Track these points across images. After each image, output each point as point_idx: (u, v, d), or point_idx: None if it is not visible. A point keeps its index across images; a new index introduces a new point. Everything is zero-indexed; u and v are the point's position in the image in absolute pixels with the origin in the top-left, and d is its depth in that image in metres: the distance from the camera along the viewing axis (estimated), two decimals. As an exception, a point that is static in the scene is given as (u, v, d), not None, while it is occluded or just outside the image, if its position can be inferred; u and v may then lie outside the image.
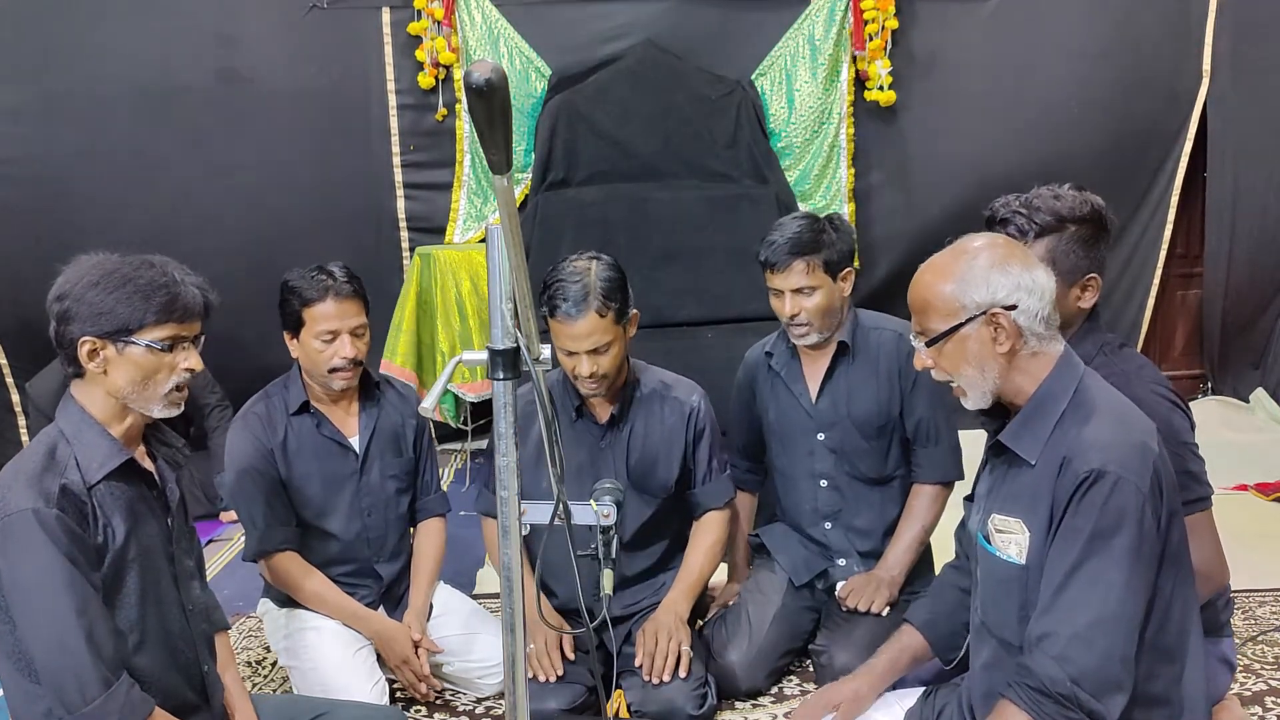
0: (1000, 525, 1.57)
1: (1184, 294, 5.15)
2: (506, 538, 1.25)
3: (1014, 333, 1.52)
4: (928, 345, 1.58)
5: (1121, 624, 1.42)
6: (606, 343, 2.12)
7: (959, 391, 1.60)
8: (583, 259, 2.15)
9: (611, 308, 2.11)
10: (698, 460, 2.35)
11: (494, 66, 0.93)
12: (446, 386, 1.86)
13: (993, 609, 1.61)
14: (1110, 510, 1.42)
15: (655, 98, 4.42)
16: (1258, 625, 2.69)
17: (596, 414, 2.30)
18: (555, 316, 2.11)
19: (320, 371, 2.26)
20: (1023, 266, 1.53)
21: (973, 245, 1.57)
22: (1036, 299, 1.51)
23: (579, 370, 2.15)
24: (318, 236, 4.33)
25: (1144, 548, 1.43)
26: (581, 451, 2.29)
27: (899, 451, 2.42)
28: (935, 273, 1.57)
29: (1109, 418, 1.49)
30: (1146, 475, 1.44)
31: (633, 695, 2.18)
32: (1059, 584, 1.45)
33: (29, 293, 4.07)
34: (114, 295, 1.55)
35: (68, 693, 1.47)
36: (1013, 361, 1.54)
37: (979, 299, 1.52)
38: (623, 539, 2.29)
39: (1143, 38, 4.63)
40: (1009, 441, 1.55)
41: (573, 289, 2.08)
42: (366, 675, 2.25)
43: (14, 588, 1.48)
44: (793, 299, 2.28)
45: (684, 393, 2.35)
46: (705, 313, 4.15)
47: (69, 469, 1.54)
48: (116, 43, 4.21)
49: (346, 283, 2.25)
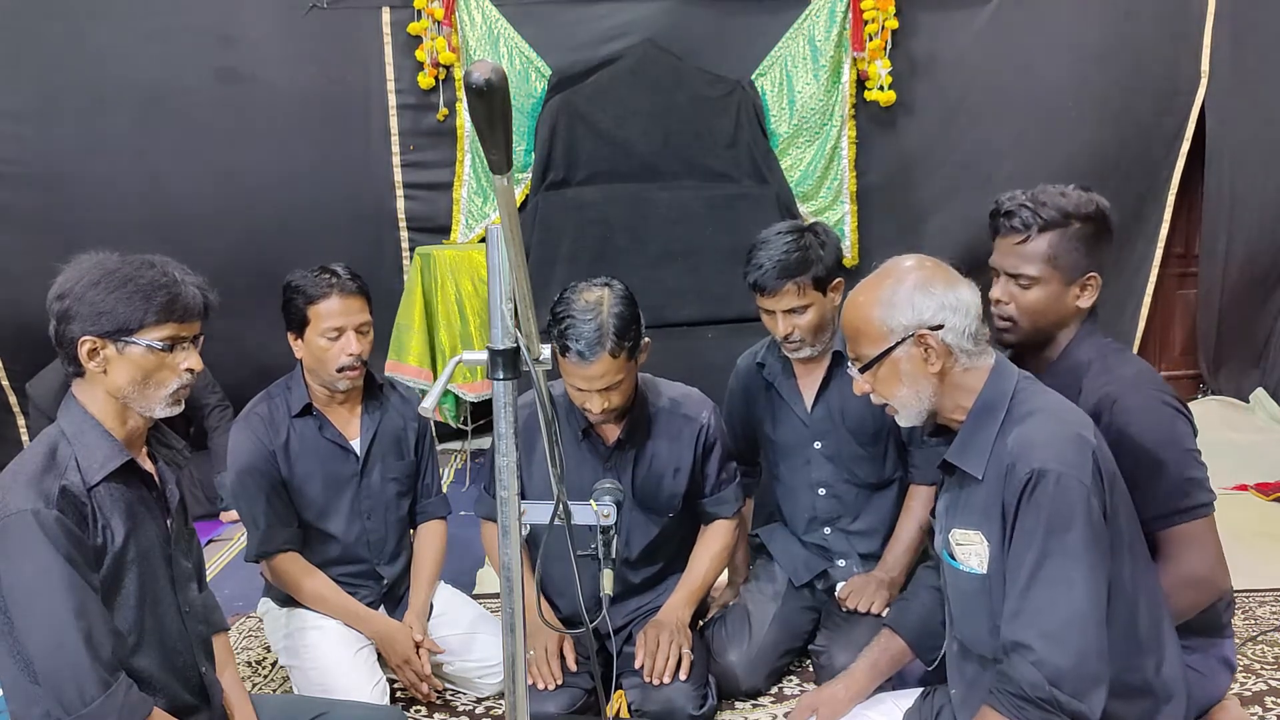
0: (960, 539, 1.60)
1: (1182, 294, 5.15)
2: (506, 538, 1.25)
3: (943, 351, 1.56)
4: (861, 371, 1.63)
5: (1090, 619, 1.44)
6: (619, 381, 2.07)
7: (892, 412, 1.64)
8: (593, 289, 2.06)
9: (625, 347, 2.03)
10: (707, 474, 2.33)
11: (494, 66, 0.93)
12: (446, 386, 1.86)
13: (965, 625, 1.63)
14: (1058, 507, 1.44)
15: (655, 98, 4.42)
16: (1258, 625, 2.69)
17: (604, 435, 2.25)
18: (566, 357, 2.03)
19: (326, 370, 2.26)
20: (946, 285, 1.56)
21: (899, 268, 1.61)
22: (962, 316, 1.55)
23: (589, 406, 2.10)
24: (317, 236, 4.33)
25: (1096, 539, 1.45)
26: (585, 471, 2.22)
27: (896, 455, 2.41)
28: (862, 299, 1.62)
29: (1043, 416, 1.52)
30: (1086, 467, 1.46)
31: (633, 695, 2.18)
32: (1023, 586, 1.47)
33: (28, 293, 4.09)
34: (114, 295, 1.55)
35: (66, 694, 1.47)
36: (946, 379, 1.58)
37: (905, 321, 1.56)
38: (629, 559, 2.30)
39: (1142, 38, 4.64)
40: (955, 460, 1.59)
41: (585, 329, 1.99)
42: (367, 675, 2.25)
43: (13, 589, 1.48)
44: (785, 319, 2.25)
45: (694, 409, 2.29)
46: (705, 313, 4.15)
47: (69, 470, 1.54)
48: (116, 43, 4.21)
49: (351, 280, 2.26)
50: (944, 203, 4.65)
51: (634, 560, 2.32)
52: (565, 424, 2.25)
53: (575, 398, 2.12)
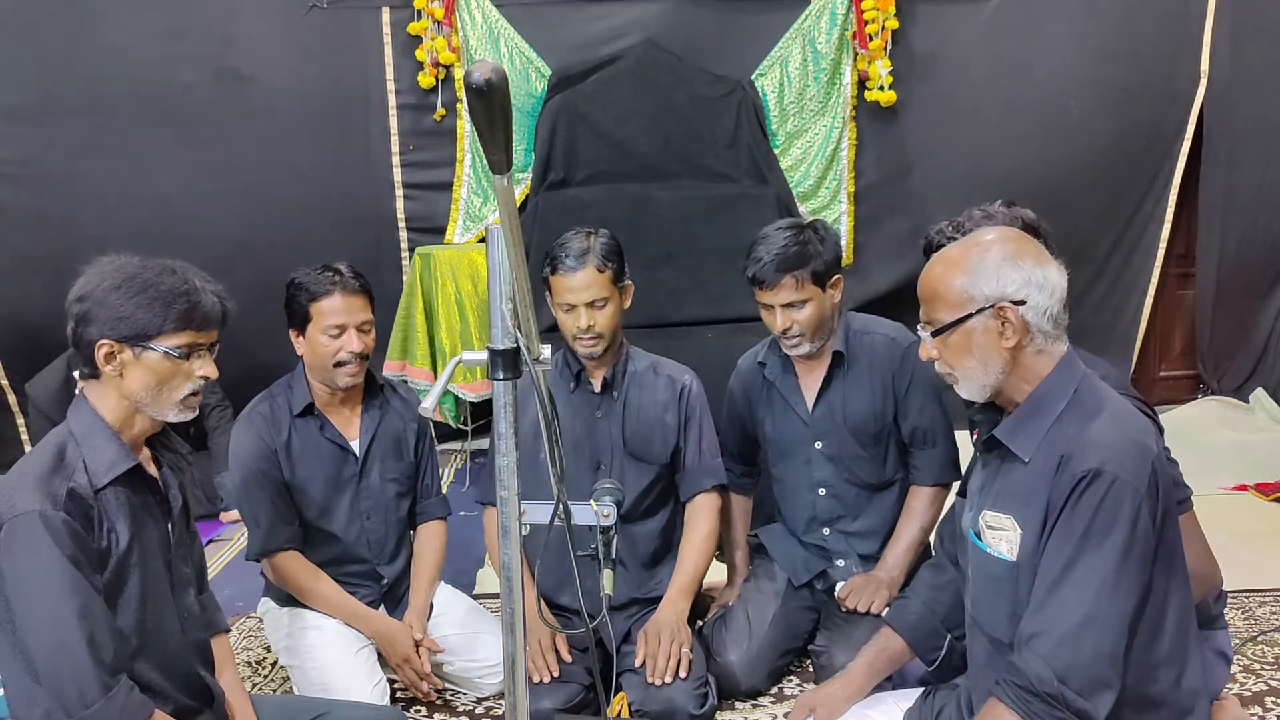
0: (992, 522, 1.56)
1: (1183, 294, 5.15)
2: (506, 538, 1.25)
3: (1021, 328, 1.51)
4: (933, 335, 1.58)
5: (1111, 622, 1.42)
6: (604, 298, 2.23)
7: (953, 381, 1.59)
8: (582, 231, 2.28)
9: (610, 266, 2.23)
10: (688, 439, 2.37)
11: (494, 66, 0.93)
12: (446, 386, 1.87)
13: (983, 606, 1.61)
14: (1106, 510, 1.42)
15: (655, 98, 4.42)
16: (1258, 625, 2.69)
17: (592, 381, 2.34)
18: (556, 272, 2.23)
19: (326, 366, 2.26)
20: (1035, 262, 1.52)
21: (986, 238, 1.56)
22: (1047, 296, 1.51)
23: (577, 323, 2.22)
24: (317, 236, 4.33)
25: (1137, 547, 1.43)
26: (579, 422, 2.34)
27: (897, 456, 2.42)
28: (946, 264, 1.57)
29: (1108, 418, 1.49)
30: (1144, 475, 1.43)
31: (633, 694, 2.18)
32: (1052, 582, 1.45)
33: (28, 293, 4.11)
34: (134, 300, 1.56)
35: (67, 695, 1.47)
36: (1017, 358, 1.53)
37: (988, 292, 1.51)
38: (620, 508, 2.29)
39: (1142, 38, 4.64)
40: (1004, 437, 1.55)
41: (574, 247, 2.23)
42: (367, 675, 2.25)
43: (17, 588, 1.48)
44: (784, 314, 2.27)
45: (675, 371, 2.41)
46: (705, 313, 4.15)
47: (77, 471, 1.54)
48: (116, 43, 4.21)
49: (353, 279, 2.27)
50: (943, 203, 4.62)
51: (626, 514, 2.28)
52: (558, 381, 2.36)
53: (564, 322, 2.27)
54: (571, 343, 2.29)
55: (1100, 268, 4.85)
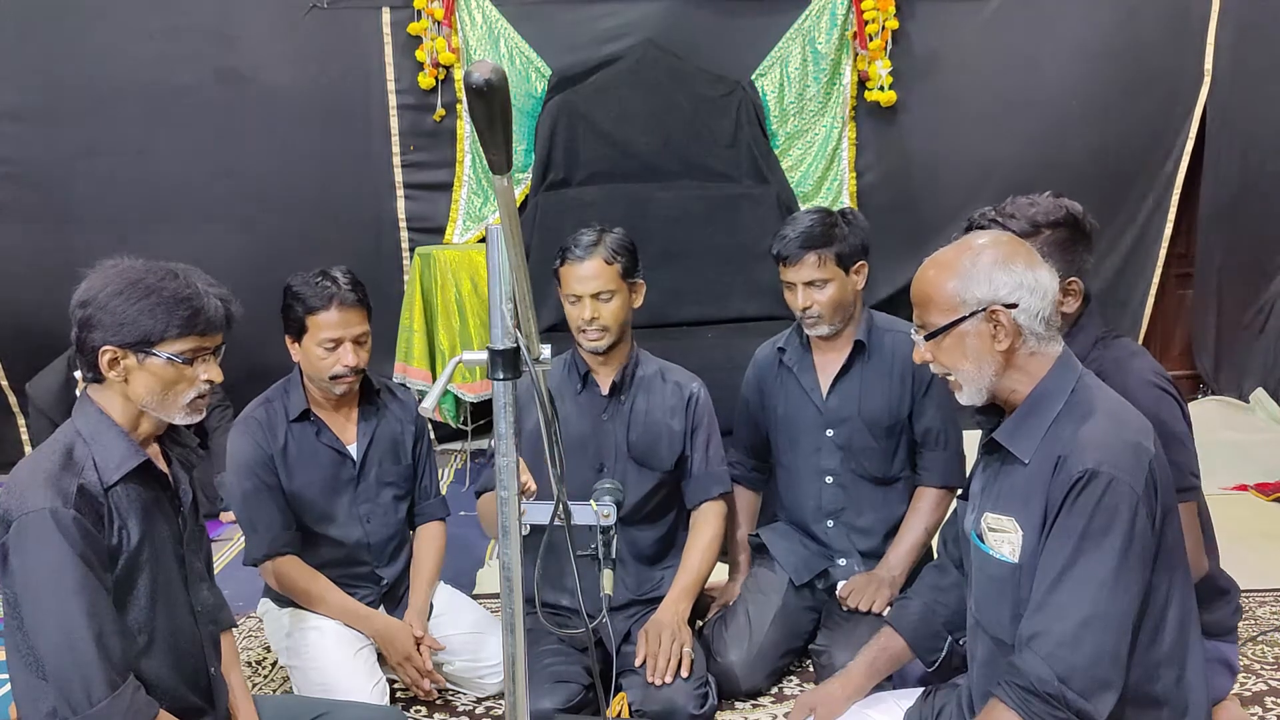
0: (993, 524, 1.57)
1: (1183, 294, 5.15)
2: (506, 538, 1.25)
3: (1013, 331, 1.52)
4: (926, 339, 1.59)
5: (1112, 623, 1.42)
6: (611, 290, 2.22)
7: (954, 385, 1.60)
8: (598, 227, 2.29)
9: (619, 259, 2.23)
10: (695, 446, 2.37)
11: (494, 67, 0.93)
12: (446, 387, 1.87)
13: (986, 607, 1.61)
14: (1103, 510, 1.42)
15: (655, 98, 4.42)
16: (1258, 625, 2.69)
17: (600, 383, 2.33)
18: (565, 262, 2.24)
19: (321, 377, 2.26)
20: (1026, 265, 1.53)
21: (978, 241, 1.57)
22: (1038, 298, 1.51)
23: (583, 314, 2.22)
24: (317, 236, 4.34)
25: (1136, 547, 1.43)
26: (585, 423, 2.33)
27: (905, 453, 2.43)
28: (938, 267, 1.58)
29: (1105, 418, 1.49)
30: (1141, 475, 1.44)
31: (633, 694, 2.18)
32: (1051, 583, 1.46)
33: (28, 293, 4.11)
34: (137, 305, 1.55)
35: (73, 693, 1.47)
36: (1011, 360, 1.54)
37: (980, 295, 1.52)
38: (621, 512, 2.29)
39: (1144, 37, 4.63)
40: (1003, 439, 1.55)
41: (585, 239, 2.24)
42: (367, 675, 2.24)
43: (26, 586, 1.48)
44: (805, 291, 2.31)
45: (683, 378, 2.41)
46: (705, 313, 4.15)
47: (87, 469, 1.54)
48: (116, 42, 4.22)
49: (350, 290, 2.24)
50: (944, 203, 4.64)
51: (626, 517, 2.28)
52: (565, 382, 2.34)
53: (572, 314, 2.25)
54: (577, 335, 2.28)
55: (1101, 267, 4.85)
